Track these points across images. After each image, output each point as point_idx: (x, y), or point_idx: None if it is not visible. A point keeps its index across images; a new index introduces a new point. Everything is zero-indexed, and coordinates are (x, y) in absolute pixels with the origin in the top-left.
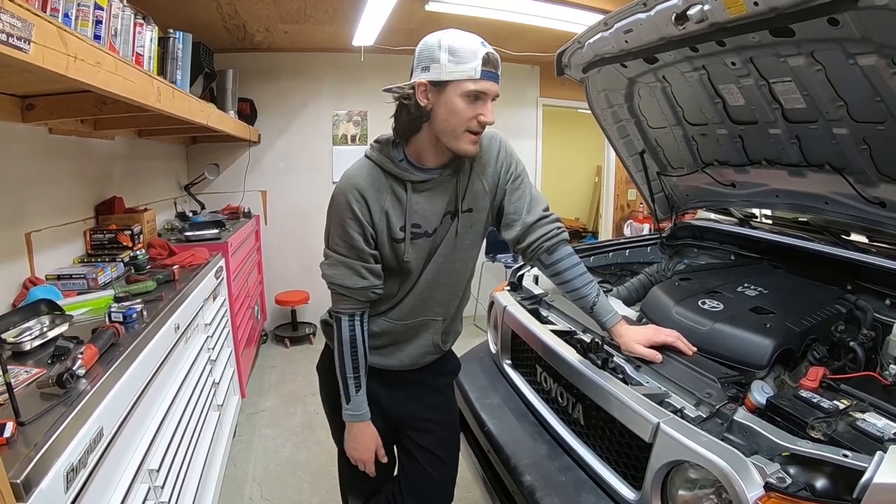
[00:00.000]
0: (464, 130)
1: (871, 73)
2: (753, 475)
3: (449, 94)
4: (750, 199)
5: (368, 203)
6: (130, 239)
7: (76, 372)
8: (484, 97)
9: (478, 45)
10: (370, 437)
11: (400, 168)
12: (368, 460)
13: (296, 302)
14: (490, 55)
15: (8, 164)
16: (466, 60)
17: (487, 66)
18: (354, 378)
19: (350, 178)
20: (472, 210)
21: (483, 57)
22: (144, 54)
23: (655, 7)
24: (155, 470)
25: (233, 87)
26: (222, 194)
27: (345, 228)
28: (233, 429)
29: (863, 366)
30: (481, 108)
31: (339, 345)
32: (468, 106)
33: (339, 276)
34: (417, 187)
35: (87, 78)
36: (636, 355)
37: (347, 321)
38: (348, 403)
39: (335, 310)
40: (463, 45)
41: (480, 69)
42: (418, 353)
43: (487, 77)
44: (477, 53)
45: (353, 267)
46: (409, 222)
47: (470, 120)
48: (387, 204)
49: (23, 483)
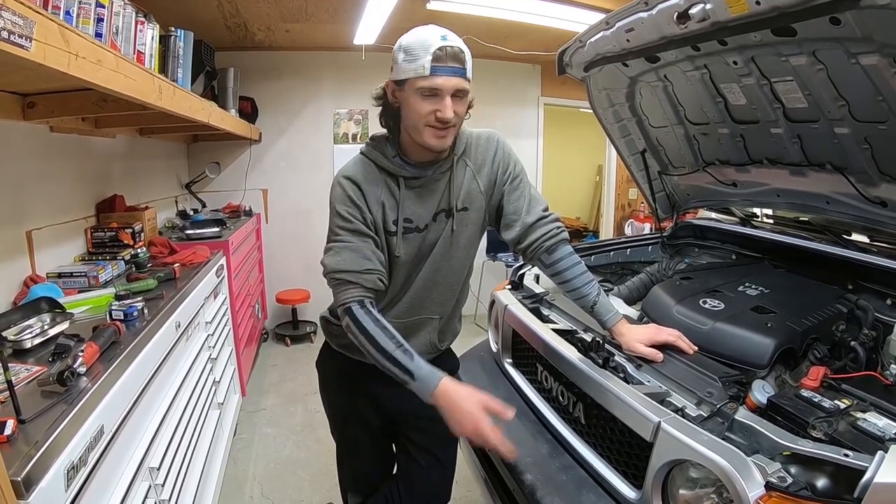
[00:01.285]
0: (424, 125)
1: (872, 73)
2: (754, 474)
3: (407, 92)
4: (751, 198)
5: (364, 193)
6: (131, 237)
7: (77, 370)
8: (440, 93)
9: (433, 41)
10: (463, 393)
11: (393, 164)
12: (481, 420)
13: (296, 300)
14: (446, 49)
15: (9, 163)
16: (417, 57)
17: (440, 61)
18: (402, 350)
19: (345, 171)
20: (467, 209)
21: (435, 52)
22: (146, 52)
23: (657, 6)
24: (155, 468)
25: (234, 86)
26: (223, 193)
27: (345, 216)
28: (233, 427)
29: (864, 365)
30: (438, 103)
31: (364, 332)
32: (423, 102)
33: (344, 262)
34: (409, 183)
35: (88, 76)
36: (637, 354)
37: (359, 308)
38: (414, 380)
39: (342, 301)
40: (416, 42)
41: (430, 65)
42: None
43: (440, 73)
44: (429, 49)
45: (359, 249)
46: (401, 216)
47: (426, 116)
48: (382, 196)
49: (23, 481)
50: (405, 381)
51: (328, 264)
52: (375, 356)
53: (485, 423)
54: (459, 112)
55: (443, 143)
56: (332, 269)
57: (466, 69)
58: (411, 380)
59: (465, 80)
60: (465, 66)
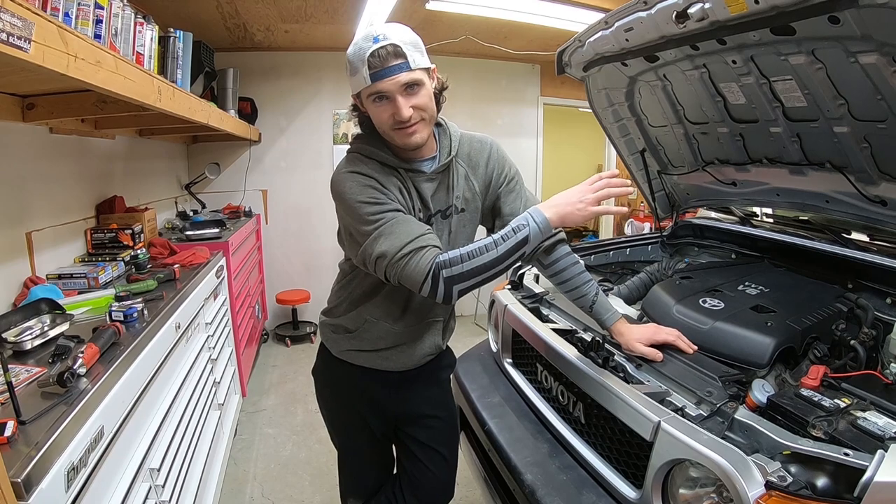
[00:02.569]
0: (390, 129)
1: (871, 72)
2: (754, 474)
3: (364, 102)
4: (751, 197)
5: (378, 178)
6: (131, 238)
7: (77, 371)
8: (388, 95)
9: (366, 47)
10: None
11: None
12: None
13: (297, 301)
14: (378, 52)
15: (8, 164)
16: (357, 69)
17: (375, 67)
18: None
19: (346, 167)
20: (464, 210)
21: (368, 60)
22: (145, 53)
23: (656, 5)
24: (156, 469)
25: (233, 87)
26: (223, 193)
27: (371, 201)
28: (234, 428)
29: (864, 364)
30: (391, 106)
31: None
32: (379, 108)
33: (402, 235)
34: (412, 176)
35: (87, 77)
36: (637, 354)
37: (440, 265)
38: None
39: (424, 270)
40: (353, 55)
41: (368, 73)
42: (421, 354)
43: (379, 77)
44: (363, 57)
45: (407, 221)
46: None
47: (387, 120)
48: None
49: (23, 482)
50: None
51: (387, 249)
52: (495, 266)
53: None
54: (419, 104)
55: (415, 138)
56: (394, 249)
57: (409, 61)
58: (527, 235)
59: (411, 72)
60: (406, 59)
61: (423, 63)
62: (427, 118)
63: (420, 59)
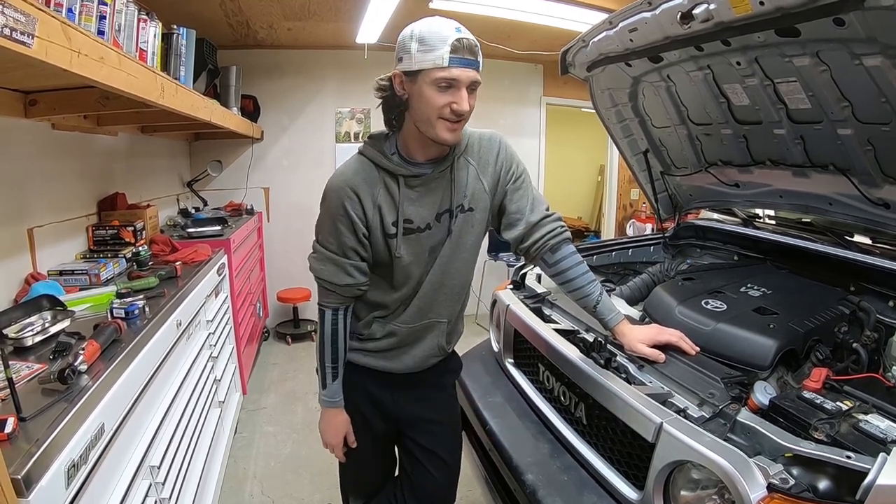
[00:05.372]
0: (437, 118)
1: (876, 74)
2: (756, 476)
3: (420, 84)
4: (753, 199)
5: (361, 199)
6: (133, 235)
7: (78, 368)
8: (457, 84)
9: (449, 32)
10: (341, 423)
11: (392, 162)
12: (337, 445)
13: (298, 299)
14: (463, 41)
15: (11, 160)
16: (435, 48)
17: (458, 52)
18: (332, 368)
19: (342, 174)
20: (473, 210)
21: (452, 44)
22: (148, 50)
23: (660, 6)
24: (156, 466)
25: (236, 84)
26: (225, 191)
27: (336, 225)
28: (234, 425)
29: (866, 367)
30: (454, 95)
31: (322, 336)
32: (439, 94)
33: (327, 273)
34: (409, 182)
35: (90, 73)
36: (639, 355)
37: (331, 315)
38: (324, 389)
39: (321, 302)
40: (431, 33)
41: (448, 56)
42: (424, 355)
43: (457, 64)
44: (447, 40)
45: (341, 265)
46: (401, 217)
47: (442, 108)
48: (379, 198)
49: (24, 479)
50: (319, 387)
51: (312, 266)
52: (317, 354)
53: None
54: (473, 105)
55: (455, 136)
56: (314, 272)
57: (480, 62)
58: (322, 389)
59: (478, 73)
60: (478, 60)
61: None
62: (467, 121)
63: (481, 66)
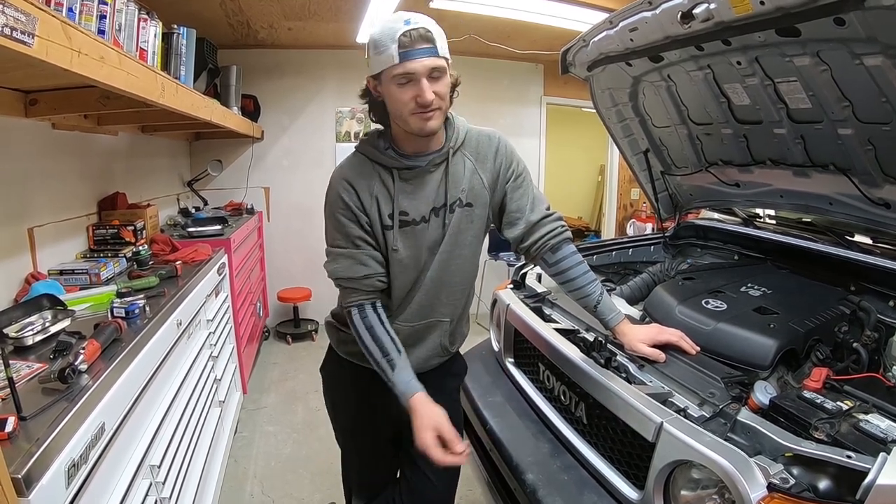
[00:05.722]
0: (409, 113)
1: (876, 74)
2: (757, 475)
3: (385, 84)
4: (754, 198)
5: (357, 190)
6: (133, 234)
7: (78, 367)
8: (415, 77)
9: (397, 27)
10: (428, 415)
11: (385, 156)
12: (428, 445)
13: (298, 299)
14: (411, 33)
15: (11, 160)
16: (386, 47)
17: (407, 46)
18: (387, 360)
19: (338, 170)
20: (472, 205)
21: (400, 39)
22: (148, 50)
23: (661, 6)
24: (156, 466)
25: (236, 84)
26: (225, 191)
27: (338, 219)
28: (234, 425)
29: (866, 367)
30: (416, 88)
31: (359, 338)
32: (402, 90)
33: (342, 269)
34: (403, 175)
35: (90, 73)
36: (639, 354)
37: (358, 313)
38: (395, 387)
39: (345, 305)
40: (382, 34)
41: (398, 53)
42: (426, 356)
43: (409, 57)
44: (394, 36)
45: (354, 256)
46: (396, 209)
47: (408, 103)
48: (375, 190)
49: (24, 478)
50: (390, 386)
51: (328, 270)
52: (368, 358)
53: (430, 443)
54: (440, 91)
55: (432, 124)
56: (332, 275)
57: (437, 47)
58: (393, 388)
59: (438, 58)
60: (434, 45)
61: (446, 53)
62: (444, 108)
63: (445, 48)
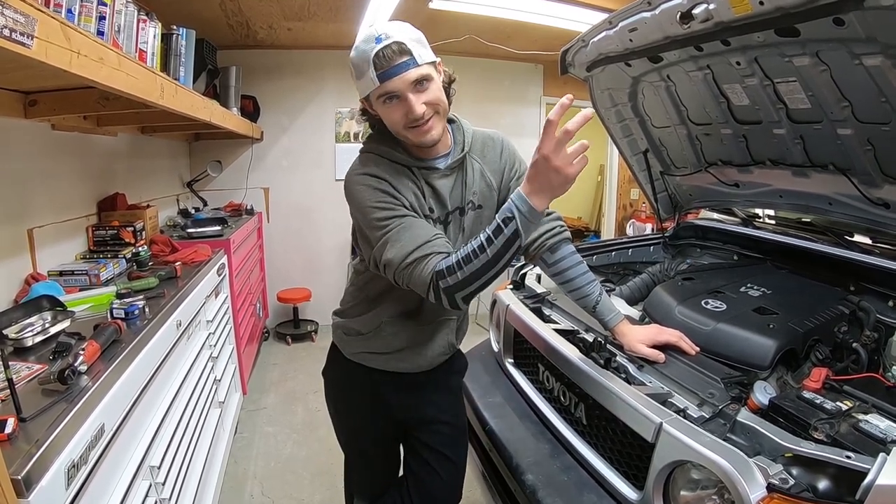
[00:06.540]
0: (404, 128)
1: (876, 74)
2: (756, 476)
3: (374, 105)
4: (753, 199)
5: (390, 181)
6: (133, 235)
7: (78, 368)
8: (399, 94)
9: (368, 49)
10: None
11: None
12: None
13: (298, 299)
14: (384, 52)
15: (10, 161)
16: (363, 72)
17: (382, 67)
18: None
19: (357, 169)
20: (482, 207)
21: (373, 61)
22: (148, 51)
23: (660, 6)
24: (156, 467)
25: (236, 84)
26: (225, 191)
27: (381, 206)
28: (234, 426)
29: (865, 367)
30: (403, 105)
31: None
32: (391, 109)
33: (408, 241)
34: (424, 174)
35: (90, 74)
36: (639, 355)
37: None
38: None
39: (426, 279)
40: (358, 57)
41: (375, 75)
42: (434, 353)
43: (388, 77)
44: (368, 59)
45: (413, 225)
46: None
47: (400, 120)
48: (410, 184)
49: (24, 479)
50: (517, 238)
51: (393, 258)
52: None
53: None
54: (430, 99)
55: (431, 135)
56: (399, 258)
57: (415, 57)
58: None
59: (418, 68)
60: (412, 55)
61: (428, 57)
62: (441, 112)
63: (425, 53)
